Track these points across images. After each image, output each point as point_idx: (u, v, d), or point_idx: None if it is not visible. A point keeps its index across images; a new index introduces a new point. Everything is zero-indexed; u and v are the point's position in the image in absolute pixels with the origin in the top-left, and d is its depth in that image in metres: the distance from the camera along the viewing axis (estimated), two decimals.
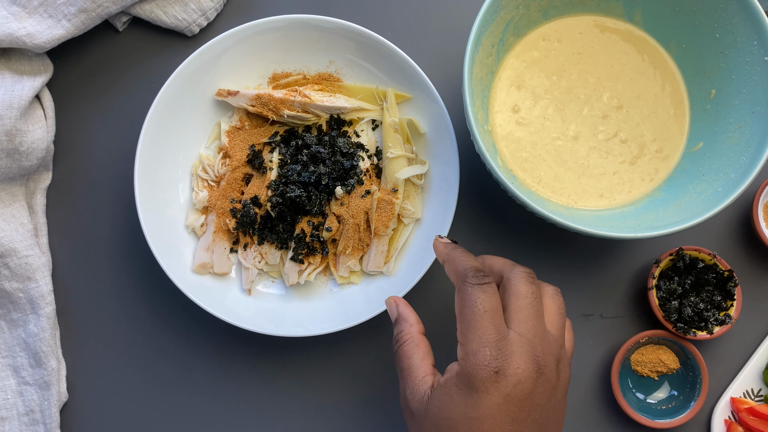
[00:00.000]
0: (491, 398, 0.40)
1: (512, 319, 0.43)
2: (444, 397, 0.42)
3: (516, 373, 0.41)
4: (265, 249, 0.60)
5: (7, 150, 0.57)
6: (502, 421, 0.41)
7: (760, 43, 0.53)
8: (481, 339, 0.41)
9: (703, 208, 0.52)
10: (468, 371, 0.41)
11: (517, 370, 0.41)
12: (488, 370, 0.41)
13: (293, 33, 0.60)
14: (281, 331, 0.57)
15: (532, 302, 0.44)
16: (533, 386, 0.41)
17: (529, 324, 0.43)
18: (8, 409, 0.59)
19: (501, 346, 0.41)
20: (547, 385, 0.42)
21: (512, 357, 0.41)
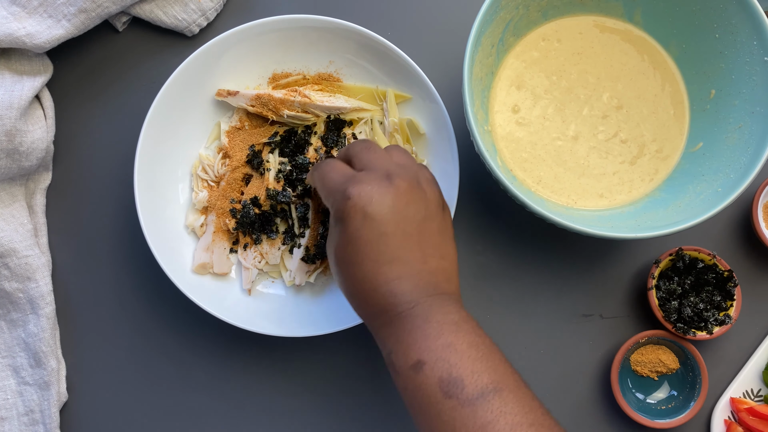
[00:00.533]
0: (354, 221, 0.44)
1: (355, 164, 0.49)
2: (329, 240, 0.47)
3: (367, 192, 0.45)
4: (265, 249, 0.60)
5: (7, 150, 0.57)
6: (368, 237, 0.44)
7: (760, 43, 0.53)
8: (335, 182, 0.47)
9: (702, 208, 0.52)
10: (333, 211, 0.46)
11: (368, 188, 0.45)
12: (344, 199, 0.45)
13: (293, 33, 0.60)
14: (281, 331, 0.57)
15: (368, 146, 0.49)
16: (391, 200, 0.45)
17: (369, 157, 0.48)
18: (8, 409, 0.59)
19: (351, 178, 0.46)
20: (409, 198, 0.46)
21: (361, 183, 0.45)
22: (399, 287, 0.44)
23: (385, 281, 0.44)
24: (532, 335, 0.62)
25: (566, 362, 0.62)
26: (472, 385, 0.40)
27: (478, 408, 0.39)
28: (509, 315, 0.62)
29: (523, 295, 0.63)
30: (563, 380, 0.62)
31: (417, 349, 0.42)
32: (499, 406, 0.39)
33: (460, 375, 0.40)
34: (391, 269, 0.44)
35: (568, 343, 0.62)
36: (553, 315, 0.62)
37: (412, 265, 0.45)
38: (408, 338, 0.42)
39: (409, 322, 0.43)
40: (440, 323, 0.43)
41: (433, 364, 0.41)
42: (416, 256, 0.45)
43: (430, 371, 0.41)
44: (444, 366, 0.41)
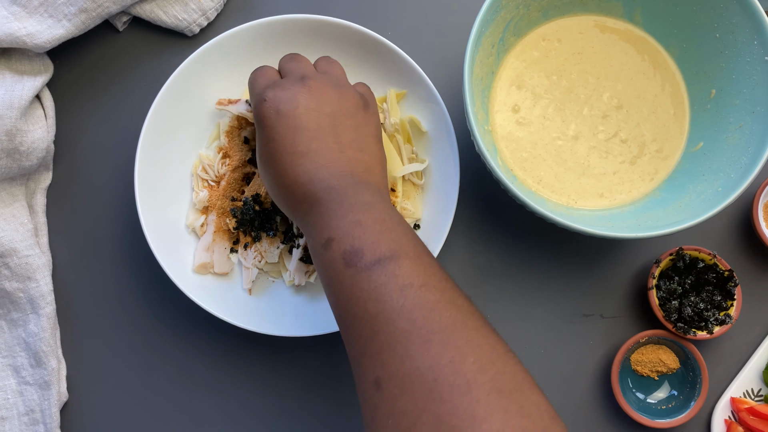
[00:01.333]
0: (268, 120, 0.48)
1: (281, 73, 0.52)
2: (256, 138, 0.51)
3: (279, 93, 0.48)
4: (265, 247, 0.60)
5: (7, 150, 0.57)
6: (283, 133, 0.48)
7: (760, 43, 0.53)
8: (258, 87, 0.51)
9: (703, 208, 0.52)
10: (254, 109, 0.50)
11: (281, 91, 0.48)
12: (260, 102, 0.49)
13: (293, 33, 0.60)
14: (281, 331, 0.57)
15: (293, 56, 0.53)
16: (303, 98, 0.48)
17: (291, 66, 0.52)
18: (8, 408, 0.59)
19: (270, 83, 0.50)
20: (322, 96, 0.49)
21: (276, 86, 0.49)
22: (316, 175, 0.47)
23: (303, 172, 0.47)
24: (532, 335, 0.62)
25: (566, 362, 0.62)
26: (370, 253, 0.42)
27: (373, 273, 0.41)
28: (509, 315, 0.62)
29: (523, 295, 0.63)
30: (563, 380, 0.62)
31: (327, 228, 0.44)
32: (392, 270, 0.41)
33: (360, 246, 0.42)
34: (307, 160, 0.47)
35: (568, 343, 0.62)
36: (553, 315, 0.62)
37: (328, 155, 0.48)
38: (321, 220, 0.45)
39: (324, 206, 0.45)
40: (351, 204, 0.45)
41: (340, 240, 0.43)
42: (331, 146, 0.48)
43: (336, 246, 0.43)
44: (348, 239, 0.43)
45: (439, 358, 0.38)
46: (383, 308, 0.40)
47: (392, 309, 0.40)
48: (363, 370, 0.40)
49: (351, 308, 0.42)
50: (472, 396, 0.36)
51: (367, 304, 0.41)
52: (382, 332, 0.39)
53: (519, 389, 0.37)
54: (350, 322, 0.42)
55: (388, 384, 0.38)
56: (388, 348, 0.39)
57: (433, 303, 0.40)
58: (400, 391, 0.37)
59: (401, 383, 0.38)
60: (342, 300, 0.42)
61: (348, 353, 0.42)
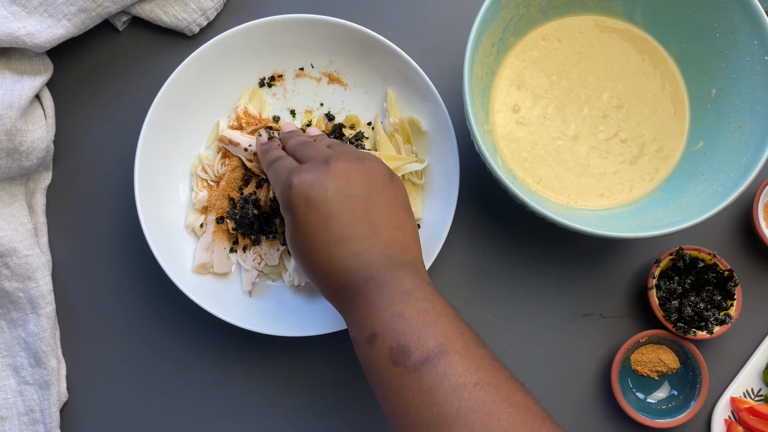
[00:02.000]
0: (299, 209, 0.46)
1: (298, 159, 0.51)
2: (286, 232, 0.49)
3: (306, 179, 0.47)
4: (264, 249, 0.60)
5: (7, 150, 0.57)
6: (315, 221, 0.46)
7: (760, 43, 0.53)
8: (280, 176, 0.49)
9: (703, 208, 0.52)
10: (281, 198, 0.48)
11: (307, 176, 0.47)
12: (287, 189, 0.47)
13: (293, 33, 0.60)
14: (281, 331, 0.57)
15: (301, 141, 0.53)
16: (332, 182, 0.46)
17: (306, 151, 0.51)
18: (8, 408, 0.59)
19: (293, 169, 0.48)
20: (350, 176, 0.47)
21: (301, 172, 0.47)
22: (353, 263, 0.45)
23: (339, 260, 0.45)
24: (532, 335, 0.62)
25: (566, 362, 0.62)
26: (417, 351, 0.40)
27: (424, 372, 0.40)
28: (509, 315, 0.62)
29: (523, 295, 0.63)
30: (563, 380, 0.62)
31: (370, 322, 0.43)
32: (443, 369, 0.39)
33: (407, 342, 0.41)
34: (342, 248, 0.45)
35: (568, 343, 0.62)
36: (553, 315, 0.62)
37: (363, 241, 0.46)
38: (362, 312, 0.43)
39: (364, 297, 0.44)
40: (391, 294, 0.43)
41: (384, 335, 0.42)
42: (366, 231, 0.46)
43: (381, 342, 0.41)
44: (393, 336, 0.41)
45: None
46: (438, 413, 0.38)
47: (448, 414, 0.38)
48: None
49: (402, 410, 0.40)
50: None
51: (421, 408, 0.39)
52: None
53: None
54: (403, 424, 0.40)
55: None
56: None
57: (490, 404, 0.38)
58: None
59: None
60: (392, 401, 0.41)
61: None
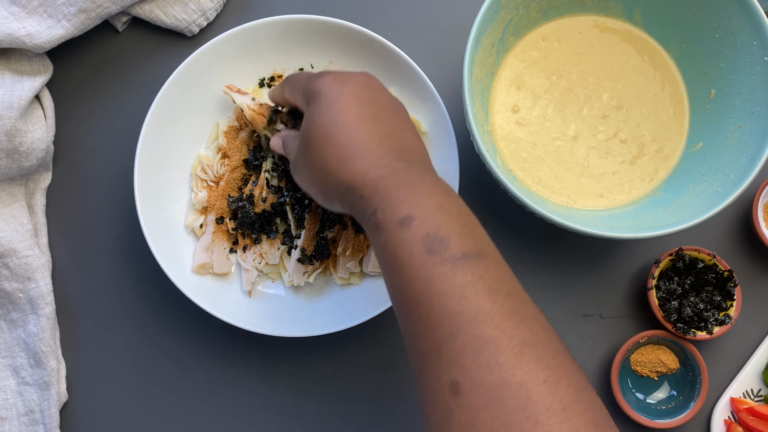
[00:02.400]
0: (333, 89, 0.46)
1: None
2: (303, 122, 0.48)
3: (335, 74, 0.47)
4: (265, 249, 0.60)
5: (6, 150, 0.57)
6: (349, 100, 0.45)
7: (759, 43, 0.53)
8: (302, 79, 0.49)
9: (702, 208, 0.52)
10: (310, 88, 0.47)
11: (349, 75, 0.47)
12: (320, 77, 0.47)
13: (293, 33, 0.60)
14: (281, 331, 0.57)
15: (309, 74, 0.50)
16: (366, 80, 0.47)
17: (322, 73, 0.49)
18: (8, 409, 0.59)
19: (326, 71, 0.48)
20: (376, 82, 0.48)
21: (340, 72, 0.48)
22: (397, 145, 0.44)
23: (377, 136, 0.44)
24: None
25: None
26: (457, 245, 0.39)
27: (459, 267, 0.38)
28: None
29: None
30: None
31: (408, 204, 0.40)
32: (480, 271, 0.38)
33: (447, 235, 0.39)
34: (380, 128, 0.45)
35: (568, 343, 0.62)
36: (553, 315, 0.62)
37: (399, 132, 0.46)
38: (400, 193, 0.41)
39: (401, 178, 0.42)
40: (433, 185, 0.42)
41: (422, 221, 0.39)
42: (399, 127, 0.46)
43: (418, 227, 0.39)
44: (433, 224, 0.39)
45: (533, 375, 0.35)
46: (469, 308, 0.36)
47: (479, 311, 0.36)
48: (435, 369, 0.37)
49: (426, 300, 0.38)
50: (571, 423, 0.34)
51: (449, 299, 0.37)
52: (464, 334, 0.36)
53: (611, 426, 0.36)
54: (423, 314, 0.38)
55: (471, 392, 0.35)
56: (472, 352, 0.36)
57: (522, 315, 0.37)
58: (485, 402, 0.35)
59: (487, 394, 0.35)
60: (416, 289, 0.38)
61: (412, 346, 0.39)
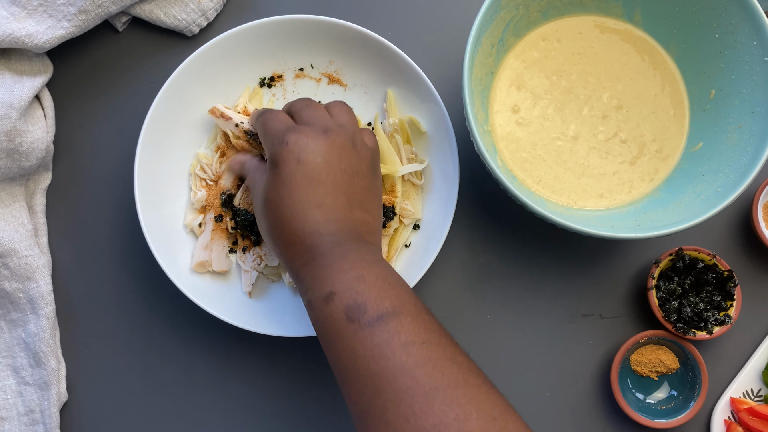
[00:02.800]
0: (288, 165, 0.48)
1: (296, 120, 0.52)
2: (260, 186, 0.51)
3: (303, 140, 0.48)
4: (265, 251, 0.60)
5: (6, 150, 0.57)
6: (300, 181, 0.48)
7: (759, 44, 0.53)
8: (275, 129, 0.50)
9: (702, 208, 0.52)
10: (269, 155, 0.49)
11: (304, 138, 0.48)
12: (281, 144, 0.49)
13: (293, 33, 0.60)
14: (281, 331, 0.57)
15: (308, 104, 0.53)
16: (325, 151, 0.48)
17: (310, 114, 0.52)
18: (8, 409, 0.59)
19: (290, 128, 0.50)
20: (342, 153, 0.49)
21: (299, 132, 0.49)
22: (324, 228, 0.47)
23: (312, 222, 0.47)
24: (532, 335, 0.62)
25: (566, 362, 0.62)
26: (373, 309, 0.42)
27: (376, 329, 0.41)
28: (509, 315, 0.62)
29: (523, 295, 0.63)
30: (563, 380, 0.62)
31: (330, 281, 0.44)
32: (396, 327, 0.41)
33: (364, 301, 0.43)
34: (319, 212, 0.47)
35: (568, 343, 0.62)
36: (553, 315, 0.62)
37: (338, 211, 0.48)
38: (324, 273, 0.45)
39: (328, 259, 0.45)
40: (354, 260, 0.45)
41: (342, 294, 0.43)
42: (343, 203, 0.48)
43: (339, 300, 0.43)
44: (351, 294, 0.43)
45: (443, 416, 0.38)
46: (386, 366, 0.40)
47: (395, 366, 0.40)
48: (367, 429, 0.40)
49: (353, 365, 0.41)
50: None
51: (370, 362, 0.41)
52: (385, 390, 0.39)
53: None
54: (352, 380, 0.42)
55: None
56: (392, 407, 0.39)
57: (435, 360, 0.40)
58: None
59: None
60: (343, 357, 0.42)
61: (350, 411, 0.42)
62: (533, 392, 0.61)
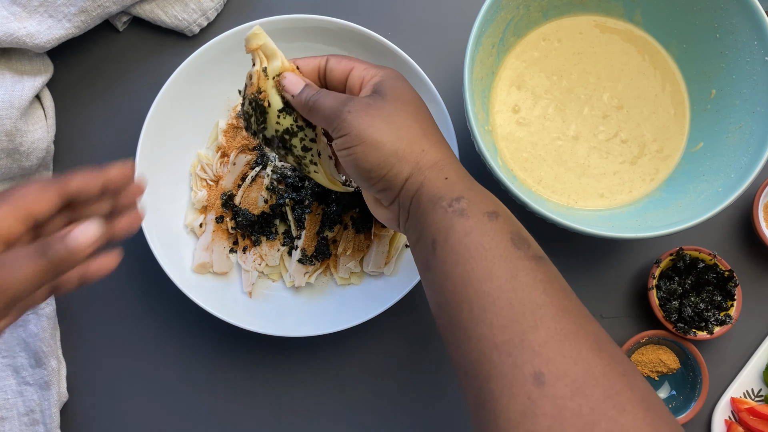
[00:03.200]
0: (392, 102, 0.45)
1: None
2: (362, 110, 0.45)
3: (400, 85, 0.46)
4: (265, 250, 0.60)
5: (7, 150, 0.57)
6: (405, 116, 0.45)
7: (760, 43, 0.53)
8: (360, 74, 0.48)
9: (703, 208, 0.52)
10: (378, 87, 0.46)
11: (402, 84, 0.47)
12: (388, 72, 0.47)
13: (293, 33, 0.60)
14: (281, 331, 0.57)
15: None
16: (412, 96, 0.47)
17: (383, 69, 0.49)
18: (8, 409, 0.59)
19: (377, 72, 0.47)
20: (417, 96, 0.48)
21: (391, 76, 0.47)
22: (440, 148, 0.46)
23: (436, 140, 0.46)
24: None
25: None
26: (535, 247, 0.42)
27: (540, 266, 0.40)
28: None
29: None
30: None
31: (491, 201, 0.43)
32: (554, 273, 0.41)
33: (527, 237, 0.42)
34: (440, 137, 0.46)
35: None
36: None
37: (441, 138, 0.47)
38: (478, 193, 0.43)
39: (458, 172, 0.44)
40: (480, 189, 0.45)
41: (506, 220, 0.42)
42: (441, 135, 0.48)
43: (504, 223, 0.42)
44: (515, 224, 0.42)
45: (612, 368, 0.36)
46: (551, 302, 0.38)
47: (559, 306, 0.38)
48: (514, 361, 0.37)
49: (512, 290, 0.39)
50: (652, 413, 0.35)
51: (533, 293, 0.39)
52: (546, 326, 0.37)
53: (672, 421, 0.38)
54: (503, 304, 0.38)
55: (557, 382, 0.36)
56: (556, 344, 0.37)
57: (586, 314, 0.39)
58: (571, 392, 0.35)
59: (572, 383, 0.35)
60: (500, 277, 0.39)
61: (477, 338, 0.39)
62: None
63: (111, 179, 0.43)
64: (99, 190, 0.43)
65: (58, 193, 0.41)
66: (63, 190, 0.41)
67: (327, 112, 0.46)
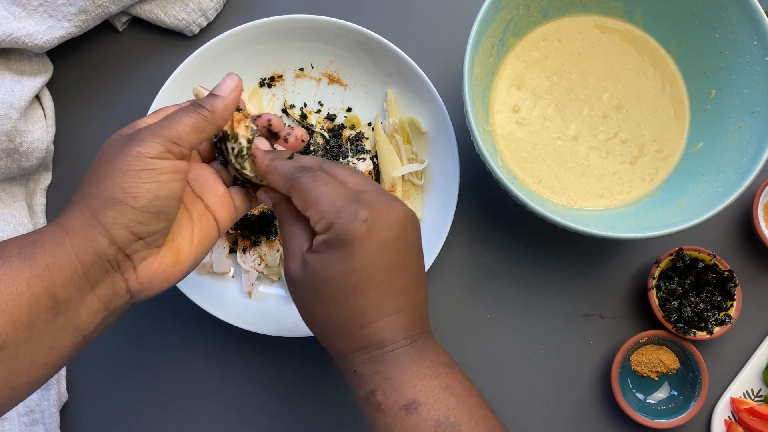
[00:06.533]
0: (367, 248, 0.40)
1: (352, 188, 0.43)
2: (318, 260, 0.41)
3: (379, 217, 0.40)
4: (264, 251, 0.60)
5: (7, 150, 0.57)
6: (381, 268, 0.40)
7: (760, 44, 0.53)
8: (339, 200, 0.41)
9: (703, 208, 0.52)
10: (339, 229, 0.40)
11: (380, 213, 0.40)
12: (359, 221, 0.40)
13: (293, 33, 0.60)
14: (281, 331, 0.57)
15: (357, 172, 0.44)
16: (401, 224, 0.41)
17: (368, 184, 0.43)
18: None
19: (360, 198, 0.41)
20: (414, 223, 0.42)
21: (371, 205, 0.40)
22: (398, 321, 0.41)
23: (386, 313, 0.41)
24: (533, 335, 0.62)
25: (566, 362, 0.62)
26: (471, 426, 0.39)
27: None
28: (509, 315, 0.62)
29: (523, 295, 0.63)
30: (563, 380, 0.62)
31: (411, 388, 0.40)
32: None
33: (458, 420, 0.39)
34: (395, 301, 0.41)
35: (568, 343, 0.62)
36: (553, 315, 0.62)
37: (409, 296, 0.42)
38: (400, 376, 0.40)
39: (403, 359, 0.40)
40: (434, 363, 0.41)
41: (430, 406, 0.39)
42: (415, 287, 0.42)
43: (426, 413, 0.39)
44: (441, 409, 0.39)
45: None
46: None
47: None
48: None
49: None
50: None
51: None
52: None
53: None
54: None
55: None
56: None
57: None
58: None
59: None
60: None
61: None
62: (533, 392, 0.61)
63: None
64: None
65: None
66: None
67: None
